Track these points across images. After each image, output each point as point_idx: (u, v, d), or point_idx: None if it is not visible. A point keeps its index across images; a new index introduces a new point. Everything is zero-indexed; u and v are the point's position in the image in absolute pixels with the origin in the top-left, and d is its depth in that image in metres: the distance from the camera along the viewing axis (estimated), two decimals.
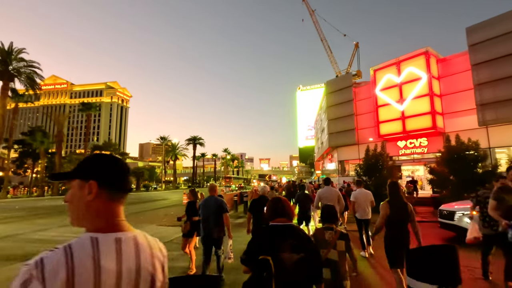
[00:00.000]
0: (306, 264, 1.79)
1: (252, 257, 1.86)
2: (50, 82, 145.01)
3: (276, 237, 1.88)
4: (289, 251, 1.79)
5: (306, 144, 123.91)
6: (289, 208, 2.07)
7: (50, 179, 1.01)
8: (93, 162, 0.93)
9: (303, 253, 1.80)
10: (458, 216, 8.01)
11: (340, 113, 25.30)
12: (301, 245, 1.84)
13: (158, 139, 51.35)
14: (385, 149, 15.21)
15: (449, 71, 19.25)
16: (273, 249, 1.81)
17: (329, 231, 2.85)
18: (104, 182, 0.91)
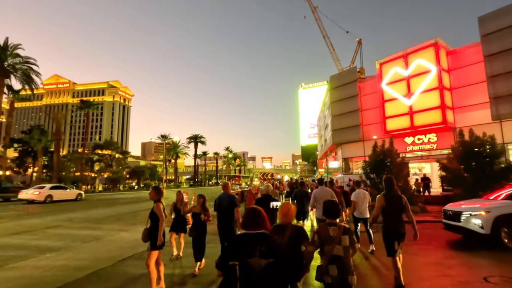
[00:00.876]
0: (275, 269, 1.86)
1: (224, 262, 2.00)
2: (53, 81, 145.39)
3: (246, 244, 1.98)
4: (257, 256, 1.88)
5: (309, 143, 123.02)
6: (263, 218, 2.17)
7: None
8: None
9: (272, 259, 1.88)
10: (465, 216, 7.22)
11: (345, 109, 24.46)
12: (270, 250, 1.92)
13: (159, 137, 50.70)
14: (394, 145, 14.36)
15: (459, 64, 18.37)
16: (242, 255, 1.92)
17: (333, 227, 2.85)
18: None
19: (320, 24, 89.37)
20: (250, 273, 1.86)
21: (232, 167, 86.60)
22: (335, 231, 2.81)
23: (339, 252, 2.73)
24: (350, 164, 25.84)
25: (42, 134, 30.05)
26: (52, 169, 43.24)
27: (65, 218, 13.70)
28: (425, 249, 7.05)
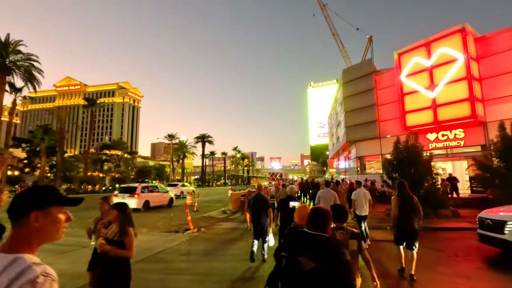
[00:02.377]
0: (322, 277, 1.77)
1: (277, 251, 2.06)
2: (64, 83, 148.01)
3: (300, 241, 1.98)
4: (307, 257, 1.82)
5: (318, 142, 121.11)
6: (327, 220, 2.07)
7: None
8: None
9: (321, 264, 1.79)
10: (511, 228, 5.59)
11: (359, 104, 22.80)
12: (323, 256, 1.83)
13: (166, 137, 49.80)
14: (419, 140, 12.73)
15: (489, 51, 16.54)
16: (293, 249, 1.93)
17: (340, 230, 2.84)
18: None
19: (329, 21, 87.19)
20: (296, 270, 1.82)
21: (241, 167, 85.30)
22: (342, 235, 2.80)
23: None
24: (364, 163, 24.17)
25: (46, 133, 29.42)
26: (55, 169, 43.02)
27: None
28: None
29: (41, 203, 1.08)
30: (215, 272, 5.75)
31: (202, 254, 7.16)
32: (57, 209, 1.10)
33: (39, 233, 1.06)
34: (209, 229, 10.95)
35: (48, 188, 1.14)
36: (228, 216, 14.35)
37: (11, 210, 1.06)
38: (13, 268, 0.95)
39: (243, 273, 5.64)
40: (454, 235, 8.79)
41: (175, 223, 12.03)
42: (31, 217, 1.04)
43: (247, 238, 8.96)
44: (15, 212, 1.06)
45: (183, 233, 10.09)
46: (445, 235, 8.84)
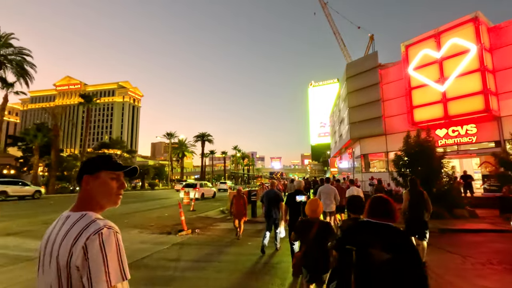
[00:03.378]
0: (398, 267, 1.68)
1: (341, 245, 1.97)
2: (64, 83, 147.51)
3: (368, 232, 1.88)
4: (378, 248, 1.74)
5: (319, 142, 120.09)
6: (392, 209, 1.96)
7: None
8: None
9: (396, 255, 1.70)
10: None
11: (364, 99, 21.85)
12: (395, 246, 1.74)
13: (165, 135, 48.83)
14: (431, 135, 11.81)
15: (503, 42, 15.58)
16: (361, 242, 1.83)
17: None
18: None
19: (330, 20, 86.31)
20: (369, 263, 1.74)
21: (241, 167, 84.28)
22: None
23: None
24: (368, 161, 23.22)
25: (39, 130, 28.47)
26: (51, 168, 42.07)
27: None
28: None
29: (91, 168, 1.21)
30: (206, 284, 4.85)
31: (194, 261, 6.25)
32: (106, 174, 1.21)
33: (93, 194, 1.19)
34: (205, 230, 10.05)
35: (100, 157, 1.25)
36: (226, 216, 13.44)
37: (77, 176, 1.23)
38: (81, 222, 1.08)
39: (238, 286, 4.74)
40: (477, 238, 7.84)
41: (169, 223, 11.12)
42: (83, 180, 1.20)
43: (245, 241, 8.07)
44: (78, 177, 1.22)
45: (176, 235, 9.19)
46: (467, 238, 7.91)
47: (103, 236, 1.02)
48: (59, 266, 1.02)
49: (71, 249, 1.01)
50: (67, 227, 1.08)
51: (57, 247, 1.05)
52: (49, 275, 1.05)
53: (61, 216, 1.16)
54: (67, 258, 1.01)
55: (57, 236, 1.08)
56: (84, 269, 0.99)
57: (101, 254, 1.00)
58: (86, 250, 0.99)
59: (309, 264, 3.13)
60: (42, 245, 1.13)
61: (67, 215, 1.14)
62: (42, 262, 1.10)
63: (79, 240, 1.01)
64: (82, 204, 1.17)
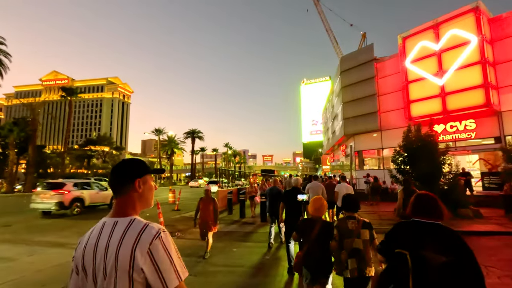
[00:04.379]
0: (457, 271, 1.55)
1: (388, 249, 1.84)
2: (51, 77, 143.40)
3: (419, 233, 1.73)
4: (433, 251, 1.61)
5: (311, 140, 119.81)
6: (440, 207, 1.81)
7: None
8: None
9: (452, 257, 1.58)
10: None
11: (359, 94, 21.01)
12: (450, 247, 1.63)
13: (153, 131, 47.27)
14: (433, 129, 11.04)
15: (504, 33, 14.91)
16: (413, 245, 1.69)
17: (352, 220, 2.85)
18: None
19: (323, 17, 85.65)
20: (425, 268, 1.59)
21: (232, 164, 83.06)
22: (353, 224, 2.80)
23: (358, 245, 2.72)
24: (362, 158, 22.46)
25: (16, 125, 26.68)
26: (39, 165, 40.18)
27: None
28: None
29: (141, 172, 1.23)
30: None
31: None
32: (150, 177, 1.26)
33: (141, 198, 1.22)
34: (186, 233, 9.02)
35: (140, 160, 1.28)
36: None
37: (117, 181, 1.20)
38: (134, 228, 1.09)
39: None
40: (491, 242, 7.01)
41: None
42: (136, 184, 1.20)
43: (230, 247, 7.04)
44: (121, 182, 1.20)
45: None
46: (479, 242, 7.05)
47: (163, 239, 1.07)
48: (117, 272, 1.03)
49: (132, 255, 1.03)
50: (119, 233, 1.08)
51: (113, 254, 1.05)
52: (102, 280, 1.06)
53: (104, 223, 1.15)
54: (129, 263, 1.02)
55: (109, 244, 1.08)
56: (152, 271, 1.03)
57: (166, 256, 1.06)
58: (152, 255, 1.04)
59: (310, 265, 3.02)
60: (88, 254, 1.11)
61: (113, 222, 1.14)
62: (93, 270, 1.09)
63: (139, 246, 1.04)
64: (125, 209, 1.17)
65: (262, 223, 10.49)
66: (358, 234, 2.77)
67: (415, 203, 1.88)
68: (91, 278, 1.08)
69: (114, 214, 1.17)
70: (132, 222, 1.11)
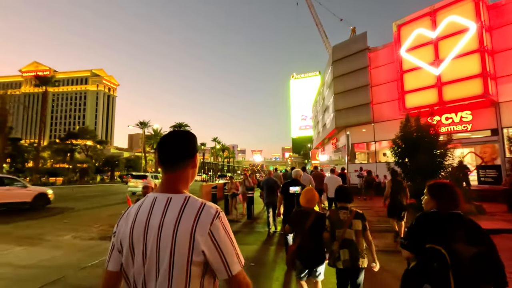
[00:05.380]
0: (485, 260, 1.52)
1: (416, 244, 1.72)
2: (31, 69, 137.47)
3: (446, 225, 1.65)
4: (464, 242, 1.55)
5: (300, 135, 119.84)
6: (459, 197, 1.77)
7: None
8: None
9: (482, 247, 1.53)
10: None
11: (351, 85, 20.19)
12: (478, 237, 1.58)
13: (138, 124, 45.36)
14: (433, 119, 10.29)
15: (503, 21, 14.28)
16: (443, 238, 1.60)
17: (344, 210, 2.85)
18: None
19: (313, 11, 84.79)
20: (461, 262, 1.51)
21: (221, 159, 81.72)
22: (345, 215, 2.80)
23: (350, 236, 2.71)
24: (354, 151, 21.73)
25: None
26: (14, 158, 37.90)
27: None
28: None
29: (197, 146, 1.18)
30: None
31: None
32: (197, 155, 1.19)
33: (194, 174, 1.15)
34: None
35: (193, 134, 1.18)
36: None
37: (176, 154, 1.10)
38: (191, 206, 1.01)
39: None
40: (505, 242, 6.23)
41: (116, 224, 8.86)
42: (195, 159, 1.14)
43: None
44: (181, 155, 1.10)
45: None
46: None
47: (222, 220, 1.02)
48: (173, 252, 0.95)
49: (192, 235, 0.96)
50: (175, 211, 1.00)
51: (170, 234, 0.97)
52: (154, 261, 0.97)
53: (155, 199, 1.05)
54: (188, 244, 0.96)
55: (163, 222, 0.99)
56: (214, 253, 0.98)
57: (227, 237, 1.01)
58: (213, 236, 0.98)
59: (303, 258, 2.97)
60: (138, 232, 1.01)
61: (165, 198, 1.04)
62: (143, 250, 0.99)
63: (199, 226, 0.97)
64: (179, 185, 1.09)
65: (248, 221, 9.51)
66: (350, 224, 2.74)
67: (442, 193, 1.79)
68: (140, 258, 0.99)
69: (165, 189, 1.07)
70: (187, 199, 1.03)
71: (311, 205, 3.10)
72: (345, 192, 2.98)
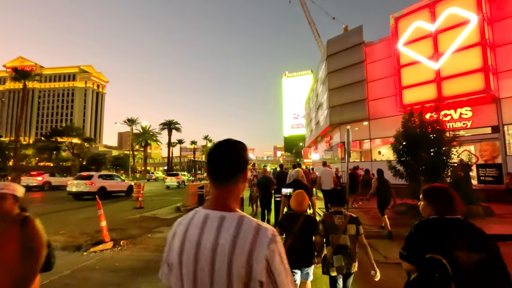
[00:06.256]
0: (489, 267, 1.41)
1: (417, 254, 1.60)
2: (17, 64, 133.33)
3: (446, 232, 1.56)
4: (465, 249, 1.45)
5: (292, 133, 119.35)
6: (457, 200, 1.68)
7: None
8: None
9: (485, 253, 1.43)
10: None
11: (346, 80, 19.43)
12: (480, 242, 1.49)
13: (125, 121, 43.77)
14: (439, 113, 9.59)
15: (505, 13, 13.70)
16: (443, 246, 1.51)
17: (338, 215, 2.77)
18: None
19: (305, 9, 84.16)
20: (462, 270, 1.41)
21: None
22: (340, 220, 2.73)
23: (344, 242, 2.65)
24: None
25: None
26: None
27: None
28: None
29: (247, 159, 1.08)
30: None
31: None
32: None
33: (243, 188, 1.07)
34: (137, 240, 6.93)
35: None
36: (179, 216, 10.34)
37: (230, 167, 1.01)
38: (246, 227, 0.93)
39: None
40: None
41: (92, 229, 7.79)
42: (246, 173, 1.05)
43: None
44: (235, 168, 1.02)
45: (86, 251, 6.03)
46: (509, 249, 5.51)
47: (278, 244, 0.92)
48: (231, 278, 0.87)
49: (249, 262, 0.87)
50: (229, 233, 0.92)
51: (225, 259, 0.88)
52: (208, 286, 0.90)
53: (207, 217, 0.97)
54: (245, 271, 0.87)
55: (217, 245, 0.91)
56: (268, 285, 0.88)
57: (282, 267, 0.91)
58: (269, 264, 0.88)
59: (292, 260, 2.49)
60: (188, 253, 0.94)
61: (218, 216, 0.96)
62: (193, 272, 0.92)
63: (256, 251, 0.88)
64: (230, 201, 1.01)
65: None
66: (344, 230, 2.67)
67: (439, 198, 1.69)
68: (190, 279, 0.92)
69: (216, 206, 0.99)
70: (242, 219, 0.95)
71: (301, 208, 3.02)
72: (338, 195, 2.91)
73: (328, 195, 2.64)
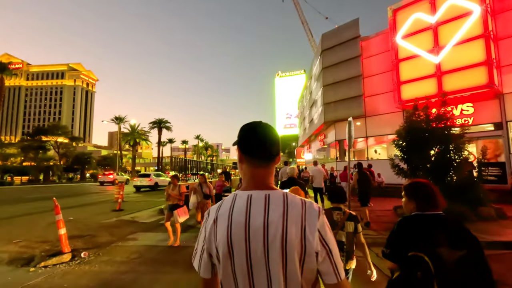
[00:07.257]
0: (472, 263, 1.39)
1: (399, 253, 1.56)
2: (3, 61, 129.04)
3: (428, 229, 1.52)
4: (447, 245, 1.42)
5: (284, 133, 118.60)
6: (439, 196, 1.63)
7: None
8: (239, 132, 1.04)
9: (466, 249, 1.41)
10: None
11: (342, 75, 18.61)
12: (462, 239, 1.45)
13: (113, 119, 42.23)
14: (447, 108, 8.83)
15: (507, 5, 13.06)
16: (425, 243, 1.47)
17: (337, 211, 2.75)
18: (241, 149, 1.01)
19: (298, 8, 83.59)
20: (444, 268, 1.39)
21: (204, 158, 79.04)
22: (339, 216, 2.72)
23: (341, 238, 2.63)
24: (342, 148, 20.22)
25: None
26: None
27: None
28: None
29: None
30: None
31: None
32: None
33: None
34: (103, 251, 5.86)
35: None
36: (159, 220, 9.31)
37: (271, 148, 1.01)
38: (293, 201, 0.94)
39: None
40: None
41: (54, 237, 6.65)
42: (280, 155, 1.06)
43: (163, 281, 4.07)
44: (275, 150, 1.03)
45: (39, 264, 4.96)
46: None
47: (324, 216, 0.96)
48: (287, 256, 0.88)
49: (303, 235, 0.89)
50: (278, 209, 0.92)
51: (278, 235, 0.88)
52: (263, 267, 0.89)
53: (250, 197, 0.96)
54: (300, 244, 0.88)
55: (268, 222, 0.90)
56: (324, 255, 0.91)
57: (331, 235, 0.95)
58: (321, 235, 0.92)
59: None
60: (238, 235, 0.91)
61: (263, 195, 0.96)
62: (246, 254, 0.90)
63: (308, 224, 0.91)
64: (269, 181, 1.01)
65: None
66: (342, 226, 2.65)
67: (419, 194, 1.64)
68: (243, 262, 0.90)
69: (257, 186, 0.99)
70: (286, 196, 0.96)
71: None
72: (338, 192, 2.91)
73: (328, 192, 2.74)
